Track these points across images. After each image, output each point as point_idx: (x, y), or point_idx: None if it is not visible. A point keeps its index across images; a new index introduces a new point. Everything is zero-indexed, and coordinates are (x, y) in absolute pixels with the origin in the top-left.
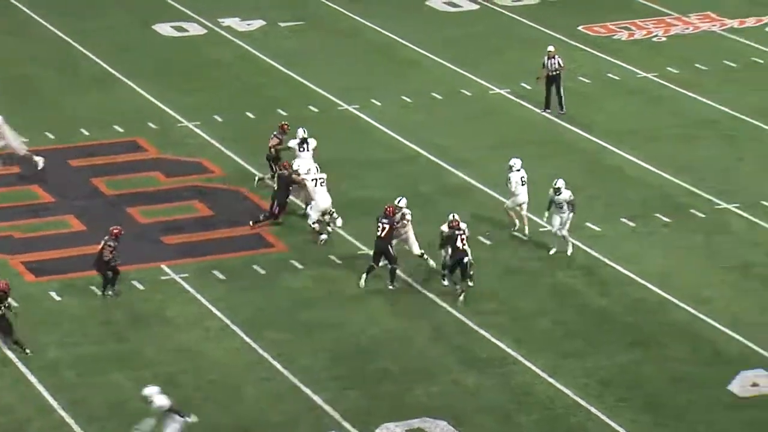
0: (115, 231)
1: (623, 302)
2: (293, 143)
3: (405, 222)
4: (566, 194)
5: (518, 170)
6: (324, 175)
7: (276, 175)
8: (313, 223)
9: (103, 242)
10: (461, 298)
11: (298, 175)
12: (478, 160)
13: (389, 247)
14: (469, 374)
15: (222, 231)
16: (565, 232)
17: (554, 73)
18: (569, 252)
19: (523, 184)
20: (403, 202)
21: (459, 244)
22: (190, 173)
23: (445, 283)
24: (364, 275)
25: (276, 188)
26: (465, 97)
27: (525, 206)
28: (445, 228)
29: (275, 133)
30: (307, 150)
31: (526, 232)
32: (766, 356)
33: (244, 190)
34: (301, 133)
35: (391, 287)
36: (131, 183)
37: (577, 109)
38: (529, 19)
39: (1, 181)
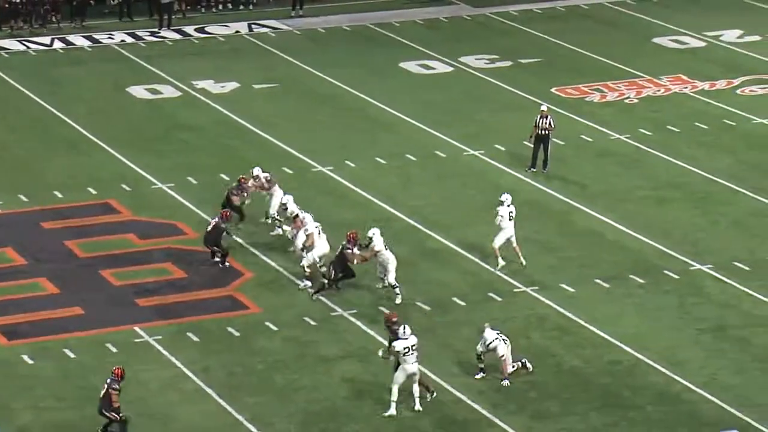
0: (117, 371)
1: (598, 363)
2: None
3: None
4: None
5: (508, 205)
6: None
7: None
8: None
9: (106, 386)
10: None
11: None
12: (453, 222)
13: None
14: None
15: (196, 293)
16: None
17: (544, 132)
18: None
19: (510, 219)
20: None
21: None
22: (164, 235)
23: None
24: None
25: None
26: (439, 159)
27: (514, 239)
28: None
29: (233, 190)
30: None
31: (523, 262)
32: (742, 418)
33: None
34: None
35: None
36: (105, 245)
37: (552, 170)
38: (503, 81)
39: None
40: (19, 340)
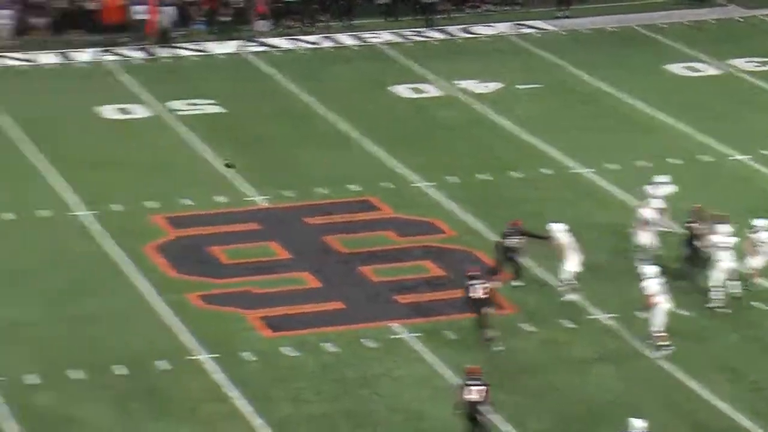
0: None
1: None
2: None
3: None
4: None
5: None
6: None
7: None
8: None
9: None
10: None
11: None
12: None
13: None
14: None
15: (453, 291)
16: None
17: None
18: None
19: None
20: None
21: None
22: (423, 233)
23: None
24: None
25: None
26: (704, 163)
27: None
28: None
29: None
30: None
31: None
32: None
33: (476, 251)
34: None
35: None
36: (365, 242)
37: None
38: None
39: (239, 237)
40: (282, 332)
